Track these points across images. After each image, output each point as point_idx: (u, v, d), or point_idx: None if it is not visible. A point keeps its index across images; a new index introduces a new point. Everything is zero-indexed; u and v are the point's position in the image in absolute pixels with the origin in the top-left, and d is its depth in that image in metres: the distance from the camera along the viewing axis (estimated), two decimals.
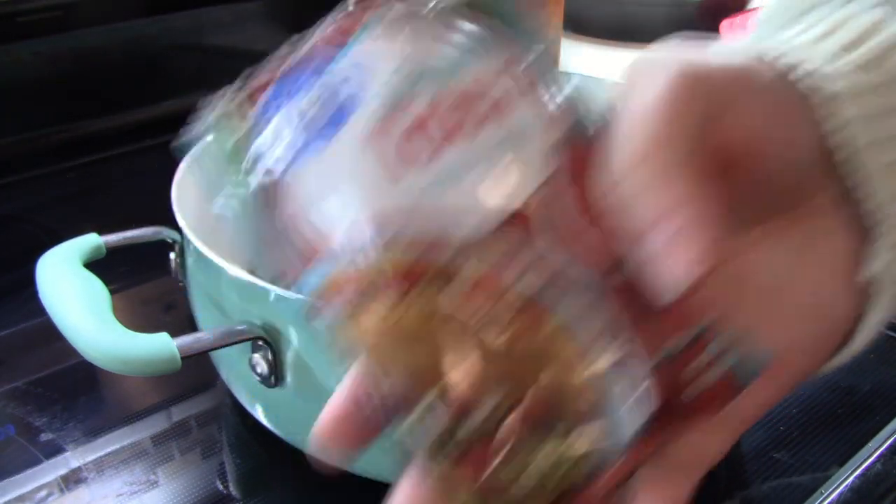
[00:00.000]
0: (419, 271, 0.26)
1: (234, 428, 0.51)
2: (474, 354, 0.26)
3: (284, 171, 0.28)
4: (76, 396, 0.53)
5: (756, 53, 0.27)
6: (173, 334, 0.39)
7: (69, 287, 0.41)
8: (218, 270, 0.42)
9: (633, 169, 0.24)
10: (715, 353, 0.25)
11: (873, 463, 0.47)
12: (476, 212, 0.26)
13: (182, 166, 0.50)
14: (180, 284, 0.51)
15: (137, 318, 0.42)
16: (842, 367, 0.56)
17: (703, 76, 0.25)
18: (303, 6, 0.94)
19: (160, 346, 0.38)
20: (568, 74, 0.47)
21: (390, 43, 0.28)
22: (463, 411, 0.25)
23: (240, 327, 0.41)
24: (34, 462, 0.49)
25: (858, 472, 0.47)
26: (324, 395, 0.41)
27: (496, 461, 0.25)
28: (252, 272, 0.53)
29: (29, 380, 0.55)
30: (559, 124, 0.27)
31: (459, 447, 0.26)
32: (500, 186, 0.26)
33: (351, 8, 0.29)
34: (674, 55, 0.25)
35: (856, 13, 0.28)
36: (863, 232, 0.27)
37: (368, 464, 0.44)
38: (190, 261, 0.48)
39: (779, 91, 0.26)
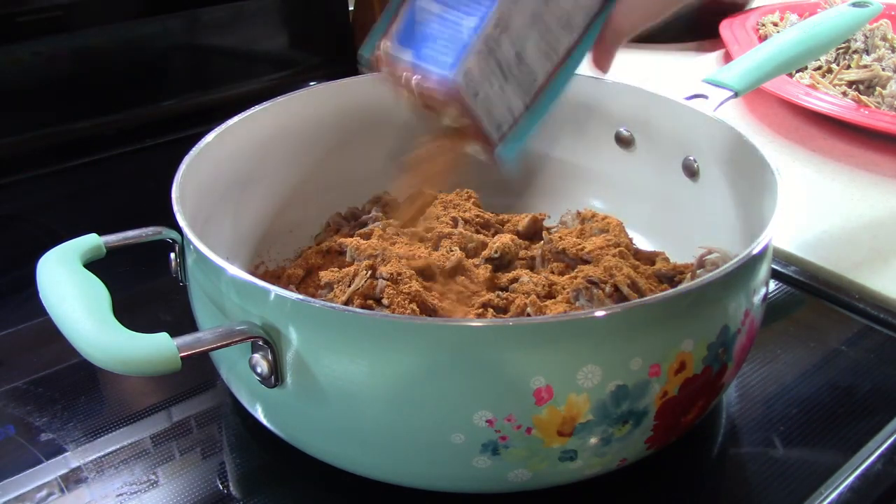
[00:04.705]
0: None
1: (234, 428, 0.51)
2: None
3: None
4: (76, 396, 0.53)
5: None
6: (173, 334, 0.39)
7: (69, 287, 0.41)
8: (218, 270, 0.42)
9: None
10: None
11: (873, 463, 0.47)
12: None
13: (182, 166, 0.50)
14: (180, 284, 0.51)
15: (137, 318, 0.42)
16: (842, 367, 0.56)
17: None
18: (302, 6, 0.95)
19: (160, 346, 0.38)
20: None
21: None
22: None
23: (240, 327, 0.41)
24: (34, 462, 0.49)
25: (858, 472, 0.47)
26: (324, 395, 0.41)
27: None
28: (252, 272, 0.53)
29: (29, 380, 0.55)
30: None
31: None
32: None
33: None
34: None
35: None
36: None
37: (369, 464, 0.44)
38: (190, 261, 0.48)
39: None
